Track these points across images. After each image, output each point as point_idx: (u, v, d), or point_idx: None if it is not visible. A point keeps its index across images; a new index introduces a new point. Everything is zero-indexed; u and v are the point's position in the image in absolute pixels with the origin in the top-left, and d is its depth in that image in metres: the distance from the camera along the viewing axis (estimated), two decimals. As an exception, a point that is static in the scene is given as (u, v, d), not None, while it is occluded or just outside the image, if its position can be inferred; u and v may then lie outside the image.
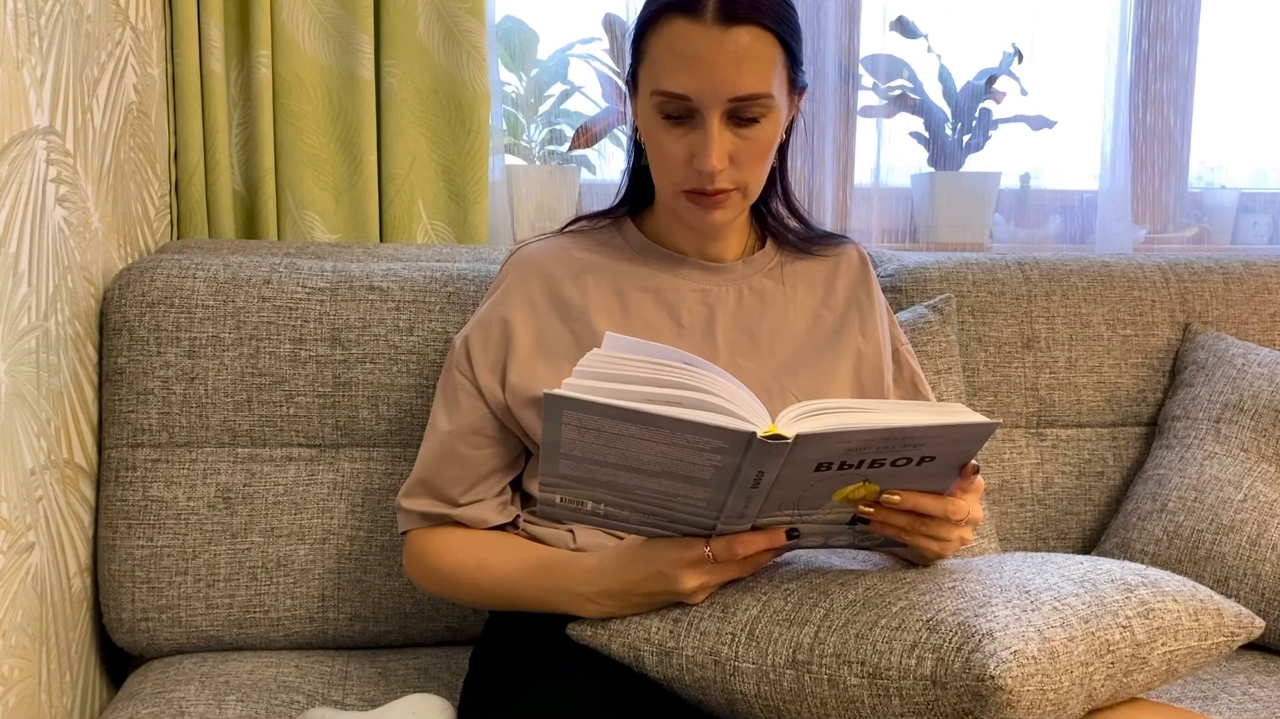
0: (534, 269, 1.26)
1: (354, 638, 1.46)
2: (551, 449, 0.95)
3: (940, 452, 0.95)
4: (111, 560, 1.40)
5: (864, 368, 1.27)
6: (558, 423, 0.92)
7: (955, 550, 1.05)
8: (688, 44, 1.11)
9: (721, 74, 1.10)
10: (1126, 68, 2.05)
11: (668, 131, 1.15)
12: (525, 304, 1.24)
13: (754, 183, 1.18)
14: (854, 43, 2.02)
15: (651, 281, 1.25)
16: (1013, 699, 0.87)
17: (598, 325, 1.22)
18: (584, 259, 1.27)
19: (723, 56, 1.10)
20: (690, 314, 1.25)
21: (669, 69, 1.12)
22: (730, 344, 1.24)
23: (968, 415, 0.93)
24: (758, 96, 1.12)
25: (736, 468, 0.92)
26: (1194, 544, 1.51)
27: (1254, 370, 1.61)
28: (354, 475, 1.46)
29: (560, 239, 1.30)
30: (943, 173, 2.08)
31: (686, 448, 0.91)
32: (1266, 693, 1.36)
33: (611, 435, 0.92)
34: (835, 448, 0.91)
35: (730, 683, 0.99)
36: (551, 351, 1.22)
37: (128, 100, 1.52)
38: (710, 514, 0.98)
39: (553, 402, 0.90)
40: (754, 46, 1.11)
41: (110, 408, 1.42)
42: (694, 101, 1.12)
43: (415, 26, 1.75)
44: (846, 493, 0.98)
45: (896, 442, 0.92)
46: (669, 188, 1.19)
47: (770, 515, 0.99)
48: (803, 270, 1.30)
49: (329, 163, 1.75)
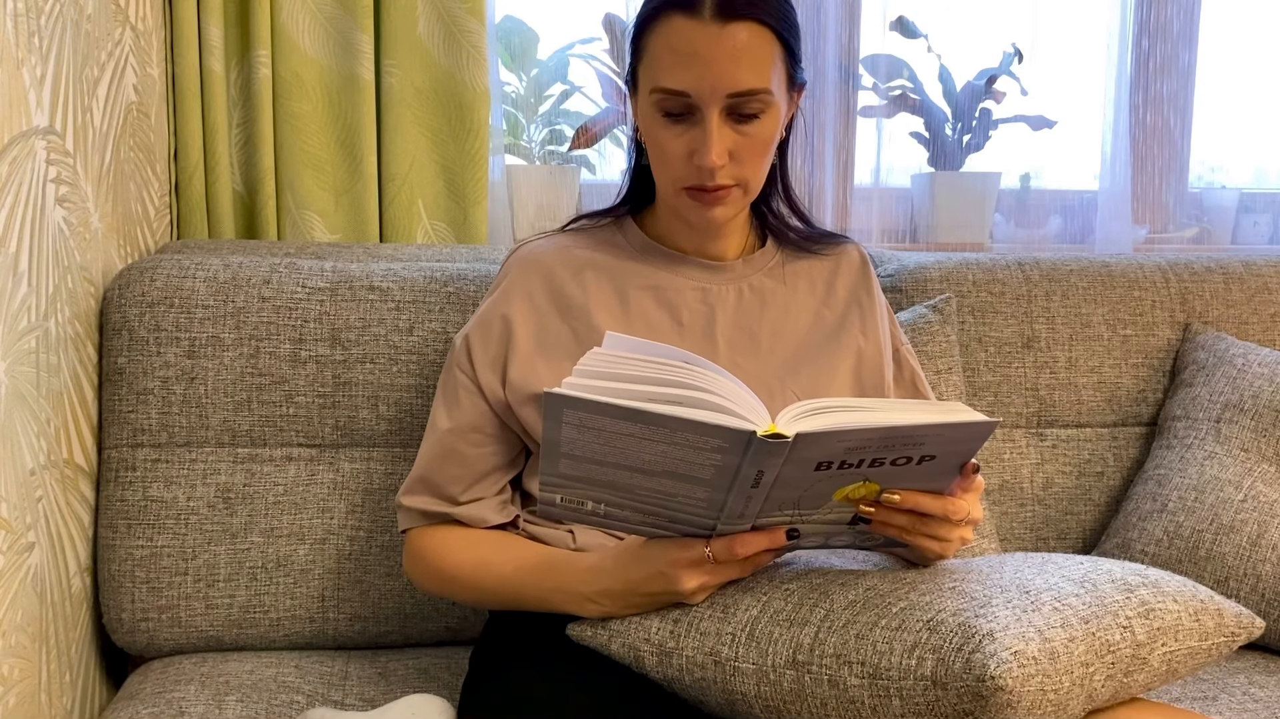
0: (535, 267, 1.26)
1: (354, 638, 1.46)
2: (551, 448, 0.95)
3: (940, 450, 0.94)
4: (111, 560, 1.40)
5: (864, 367, 1.27)
6: (558, 422, 0.92)
7: (956, 550, 1.05)
8: (686, 41, 1.11)
9: (720, 70, 1.10)
10: (1126, 68, 2.05)
11: (668, 129, 1.15)
12: (526, 302, 1.24)
13: (754, 179, 1.18)
14: (854, 43, 2.02)
15: (652, 280, 1.26)
16: (1013, 700, 0.87)
17: (598, 323, 1.22)
18: (585, 257, 1.27)
19: (721, 52, 1.10)
20: (690, 313, 1.25)
21: (668, 66, 1.12)
22: (730, 343, 1.24)
23: (968, 414, 0.93)
24: (756, 92, 1.12)
25: (736, 467, 0.92)
26: (1194, 544, 1.51)
27: (1254, 370, 1.61)
28: (354, 475, 1.46)
29: (561, 237, 1.30)
30: (943, 173, 2.08)
31: (686, 447, 0.91)
32: (1266, 693, 1.36)
33: (612, 434, 0.91)
34: (835, 447, 0.91)
35: (730, 683, 0.99)
36: (552, 349, 1.22)
37: (128, 100, 1.52)
38: (710, 514, 0.98)
39: (552, 400, 0.90)
40: (752, 42, 1.11)
41: (110, 408, 1.42)
42: (693, 98, 1.12)
43: (415, 26, 1.75)
44: (846, 492, 0.98)
45: (897, 440, 0.92)
46: (669, 185, 1.19)
47: (770, 515, 0.99)
48: (803, 269, 1.31)
49: (329, 163, 1.75)
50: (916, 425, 0.90)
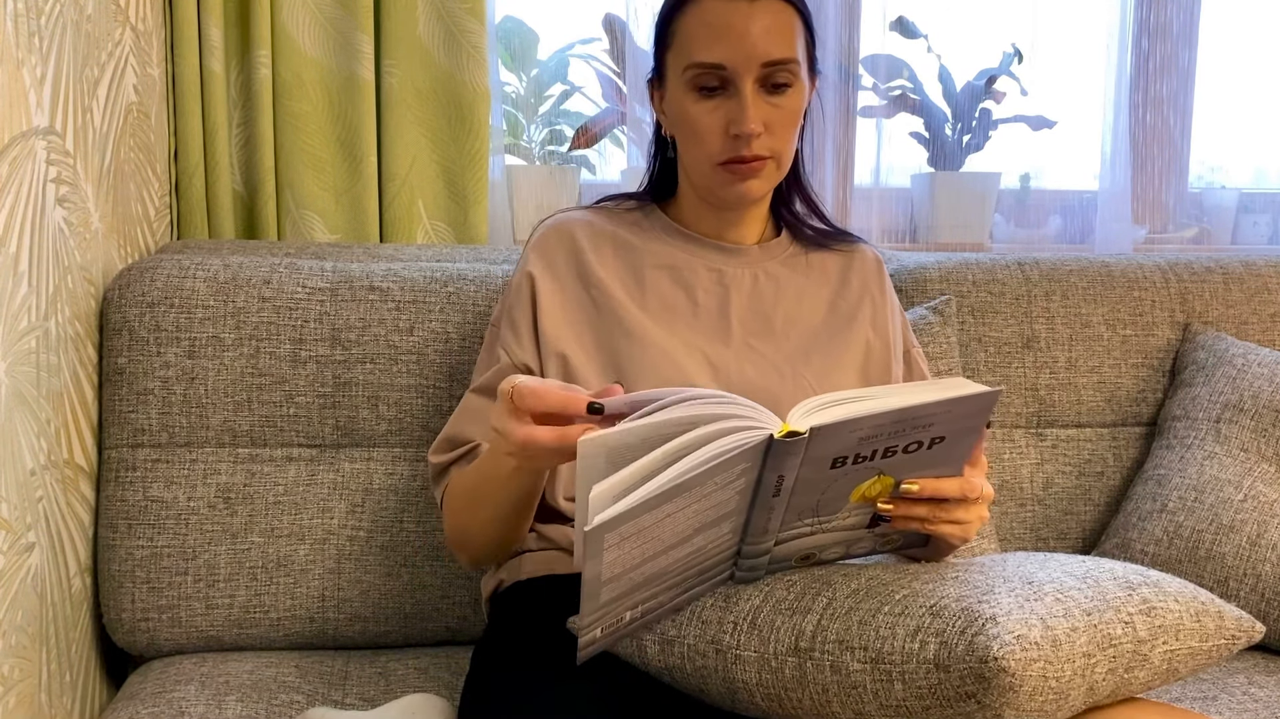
0: (559, 235, 1.30)
1: (354, 638, 1.46)
2: (593, 584, 0.90)
3: (949, 429, 0.95)
4: (111, 560, 1.40)
5: (871, 361, 1.29)
6: (599, 553, 0.86)
7: (975, 532, 1.06)
8: (719, 17, 1.18)
9: (754, 40, 1.17)
10: (1126, 68, 2.05)
11: (701, 104, 1.20)
12: (548, 266, 1.28)
13: (786, 152, 1.23)
14: (854, 43, 2.02)
15: (669, 260, 1.29)
16: (1015, 683, 0.87)
17: (615, 296, 1.25)
18: (608, 231, 1.31)
19: (755, 24, 1.17)
20: (705, 293, 1.28)
21: (703, 41, 1.18)
22: (745, 324, 1.27)
23: (970, 387, 0.94)
24: (787, 61, 1.19)
25: (758, 478, 0.92)
26: (1194, 544, 1.51)
27: (1254, 370, 1.61)
28: (354, 475, 1.46)
29: (587, 212, 1.34)
30: (943, 173, 2.08)
31: (716, 489, 0.90)
32: (1266, 693, 1.36)
33: (649, 527, 0.88)
34: (849, 438, 0.91)
35: (732, 671, 0.99)
36: (573, 313, 1.26)
37: (128, 100, 1.52)
38: (734, 542, 0.98)
39: (593, 535, 0.84)
40: (781, 16, 1.19)
41: (110, 408, 1.42)
42: (728, 70, 1.18)
43: (415, 26, 1.75)
44: (863, 490, 0.98)
45: (907, 424, 0.92)
46: (705, 162, 1.22)
47: (792, 526, 0.99)
48: (817, 261, 1.34)
49: (329, 163, 1.75)
50: (924, 404, 0.91)
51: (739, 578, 1.03)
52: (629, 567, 0.91)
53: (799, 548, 1.03)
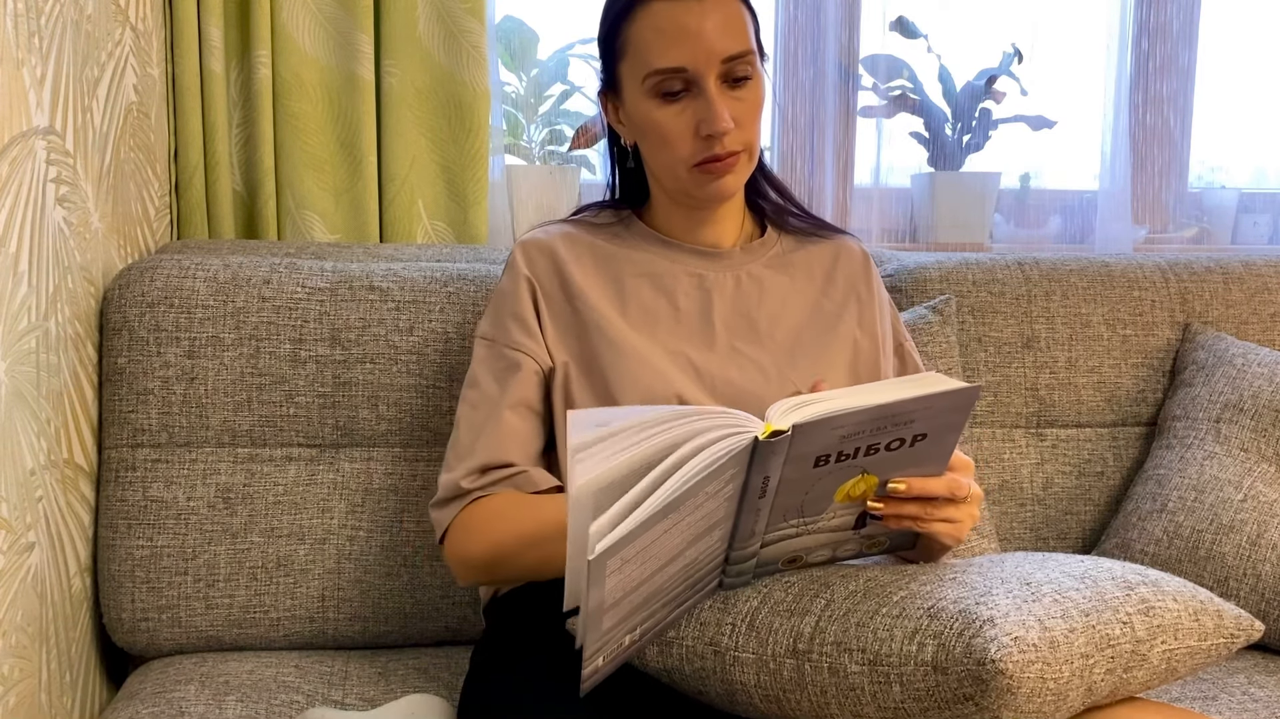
0: (539, 249, 1.29)
1: (354, 638, 1.46)
2: (595, 613, 0.89)
3: (930, 426, 0.95)
4: (111, 560, 1.40)
5: (860, 360, 1.29)
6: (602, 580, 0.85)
7: (968, 531, 1.06)
8: (671, 20, 1.17)
9: (711, 39, 1.16)
10: (1126, 68, 2.05)
11: (666, 109, 1.19)
12: (533, 279, 1.27)
13: (755, 143, 1.23)
14: (854, 43, 2.02)
15: (648, 268, 1.28)
16: (1013, 685, 0.87)
17: (597, 308, 1.24)
18: (587, 243, 1.30)
19: (708, 21, 1.16)
20: (687, 298, 1.27)
21: (658, 47, 1.17)
22: (729, 328, 1.26)
23: (948, 383, 0.94)
24: (745, 54, 1.18)
25: (745, 481, 0.92)
26: (1194, 544, 1.51)
27: (1254, 370, 1.61)
28: (354, 475, 1.46)
29: (565, 224, 1.34)
30: (943, 173, 2.08)
31: (708, 499, 0.90)
32: (1266, 693, 1.36)
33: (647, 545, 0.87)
34: (830, 436, 0.92)
35: (730, 673, 0.99)
36: (559, 321, 1.25)
37: (128, 100, 1.52)
38: (722, 549, 0.98)
39: (596, 564, 0.83)
40: (729, 9, 1.18)
41: (110, 408, 1.42)
42: (690, 72, 1.17)
43: (415, 26, 1.75)
44: (847, 489, 0.98)
45: (888, 420, 0.93)
46: (679, 167, 1.21)
47: (777, 527, 0.99)
48: (802, 260, 1.32)
49: (329, 163, 1.75)
50: (903, 400, 0.91)
51: (727, 584, 1.03)
52: (629, 589, 0.90)
53: (785, 550, 1.03)
